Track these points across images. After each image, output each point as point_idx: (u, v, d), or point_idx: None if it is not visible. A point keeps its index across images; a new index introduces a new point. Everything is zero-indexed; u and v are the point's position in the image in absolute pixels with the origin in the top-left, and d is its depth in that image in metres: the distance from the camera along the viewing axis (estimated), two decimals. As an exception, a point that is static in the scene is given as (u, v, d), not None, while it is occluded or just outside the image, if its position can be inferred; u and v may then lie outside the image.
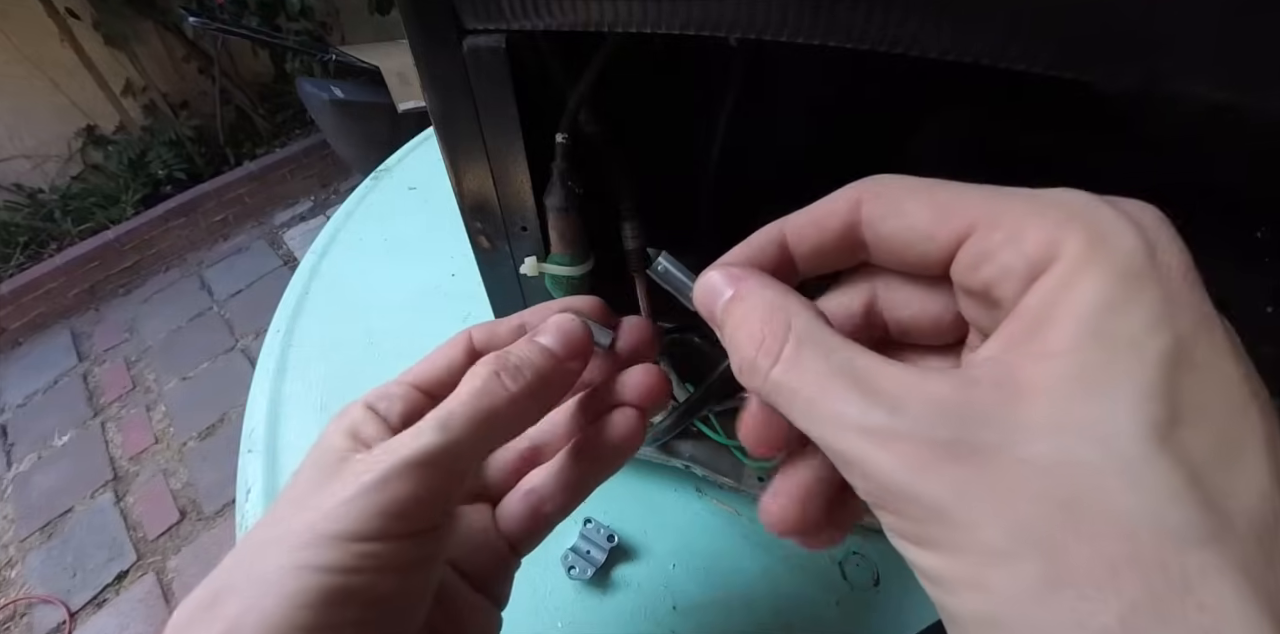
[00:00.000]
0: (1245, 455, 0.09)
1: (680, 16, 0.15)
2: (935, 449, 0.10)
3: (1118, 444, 0.09)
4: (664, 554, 0.28)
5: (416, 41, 0.19)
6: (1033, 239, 0.11)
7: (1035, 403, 0.10)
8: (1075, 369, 0.10)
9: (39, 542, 1.17)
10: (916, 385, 0.11)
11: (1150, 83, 0.13)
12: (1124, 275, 0.10)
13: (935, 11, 0.13)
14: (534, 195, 0.21)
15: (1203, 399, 0.09)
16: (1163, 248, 0.10)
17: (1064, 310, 0.10)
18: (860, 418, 0.11)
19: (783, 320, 0.12)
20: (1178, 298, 0.10)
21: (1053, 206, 0.11)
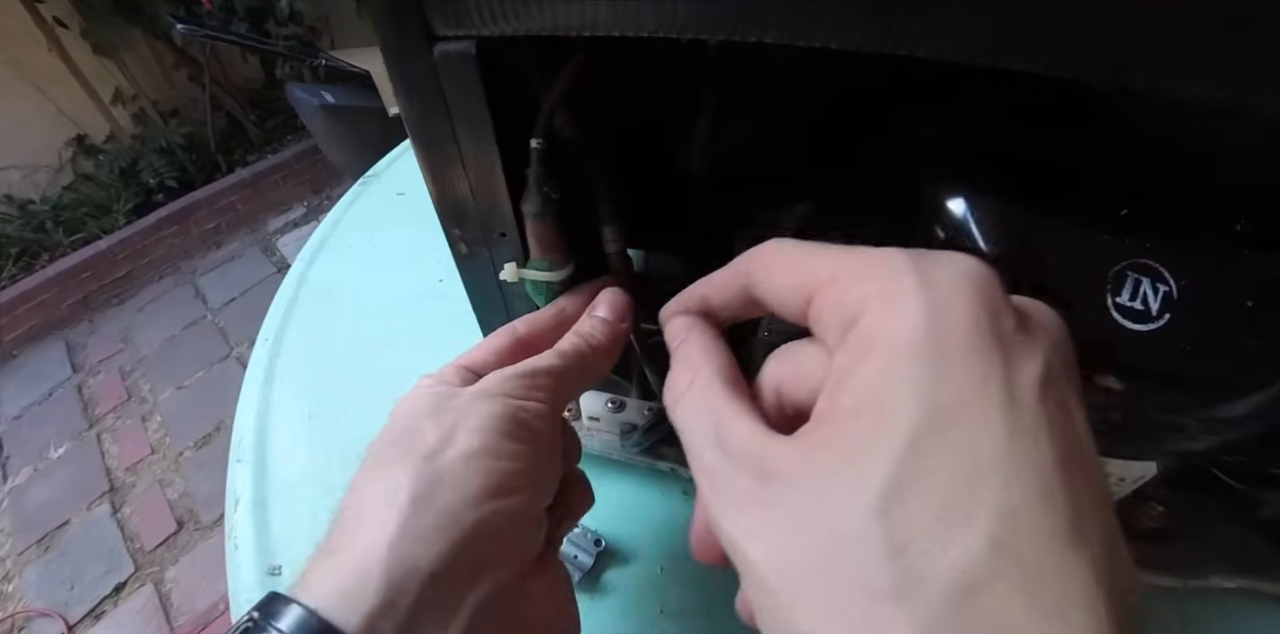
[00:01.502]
0: (972, 523, 0.10)
1: (648, 20, 0.15)
2: (737, 494, 0.12)
3: (853, 509, 0.10)
4: (651, 558, 0.28)
5: (388, 48, 0.19)
6: (850, 301, 0.12)
7: (810, 467, 0.12)
8: (839, 438, 0.11)
9: (36, 555, 1.17)
10: (747, 439, 0.13)
11: (1150, 83, 0.13)
12: (899, 348, 0.11)
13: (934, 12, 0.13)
14: (511, 201, 0.21)
15: (939, 467, 0.10)
16: (949, 312, 0.11)
17: (850, 378, 0.12)
18: (704, 456, 0.14)
19: (694, 369, 0.16)
20: (948, 369, 0.11)
21: (872, 269, 0.13)
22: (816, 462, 0.11)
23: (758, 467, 0.12)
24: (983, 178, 0.21)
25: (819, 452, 0.12)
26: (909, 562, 0.10)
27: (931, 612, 0.09)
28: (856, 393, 0.11)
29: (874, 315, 0.12)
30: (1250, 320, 0.19)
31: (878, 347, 0.11)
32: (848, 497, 0.11)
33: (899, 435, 0.10)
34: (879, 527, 0.10)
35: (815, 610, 0.10)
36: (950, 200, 0.21)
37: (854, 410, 0.11)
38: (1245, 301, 0.20)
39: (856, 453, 0.11)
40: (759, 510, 0.12)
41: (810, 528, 0.11)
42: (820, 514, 0.11)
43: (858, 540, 0.10)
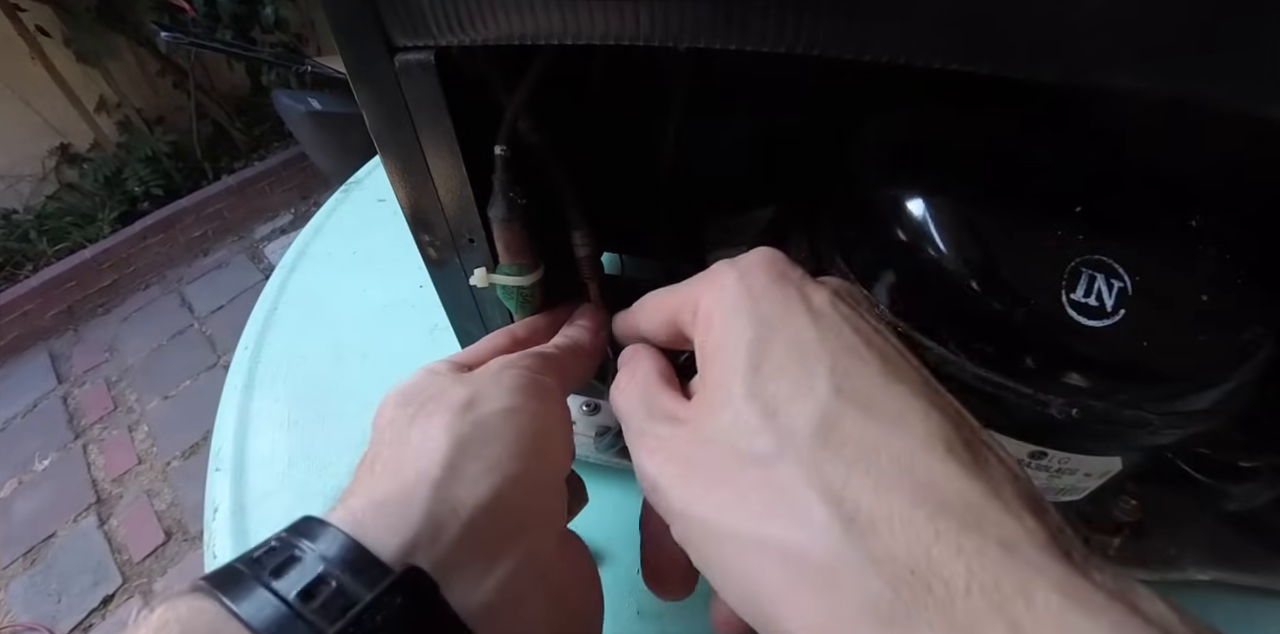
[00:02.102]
0: (814, 382, 0.13)
1: (599, 28, 0.16)
2: (657, 440, 0.16)
3: (731, 406, 0.14)
4: (627, 559, 0.28)
5: (349, 59, 0.19)
6: (695, 303, 0.17)
7: (700, 405, 0.15)
8: (710, 378, 0.15)
9: (22, 568, 1.15)
10: (669, 405, 0.16)
11: (1071, 75, 0.13)
12: (726, 307, 0.15)
13: (845, 12, 0.13)
14: (478, 207, 0.22)
15: (778, 357, 0.14)
16: (750, 271, 0.16)
17: (705, 344, 0.16)
18: (635, 423, 0.17)
19: (633, 370, 0.19)
20: (760, 305, 0.15)
21: (704, 276, 0.17)
22: (703, 399, 0.15)
23: (672, 418, 0.16)
24: (940, 178, 0.21)
25: (703, 393, 0.15)
26: (780, 422, 0.13)
27: (805, 449, 0.12)
28: (711, 347, 0.15)
29: (708, 299, 0.16)
30: (1205, 315, 0.20)
31: (714, 314, 0.16)
32: (724, 401, 0.14)
33: (743, 351, 0.14)
34: (751, 407, 0.13)
35: (720, 498, 0.13)
36: (908, 201, 0.21)
37: (713, 356, 0.15)
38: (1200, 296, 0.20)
39: (723, 376, 0.15)
40: (673, 447, 0.15)
41: (706, 438, 0.14)
42: (711, 425, 0.14)
43: (740, 427, 0.13)
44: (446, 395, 0.18)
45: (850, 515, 0.11)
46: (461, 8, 0.16)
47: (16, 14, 1.52)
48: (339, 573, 0.12)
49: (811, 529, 0.11)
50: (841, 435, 0.12)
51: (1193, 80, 0.12)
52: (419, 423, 0.17)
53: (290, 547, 0.13)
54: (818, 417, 0.13)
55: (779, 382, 0.14)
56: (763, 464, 0.13)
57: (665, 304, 0.18)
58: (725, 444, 0.14)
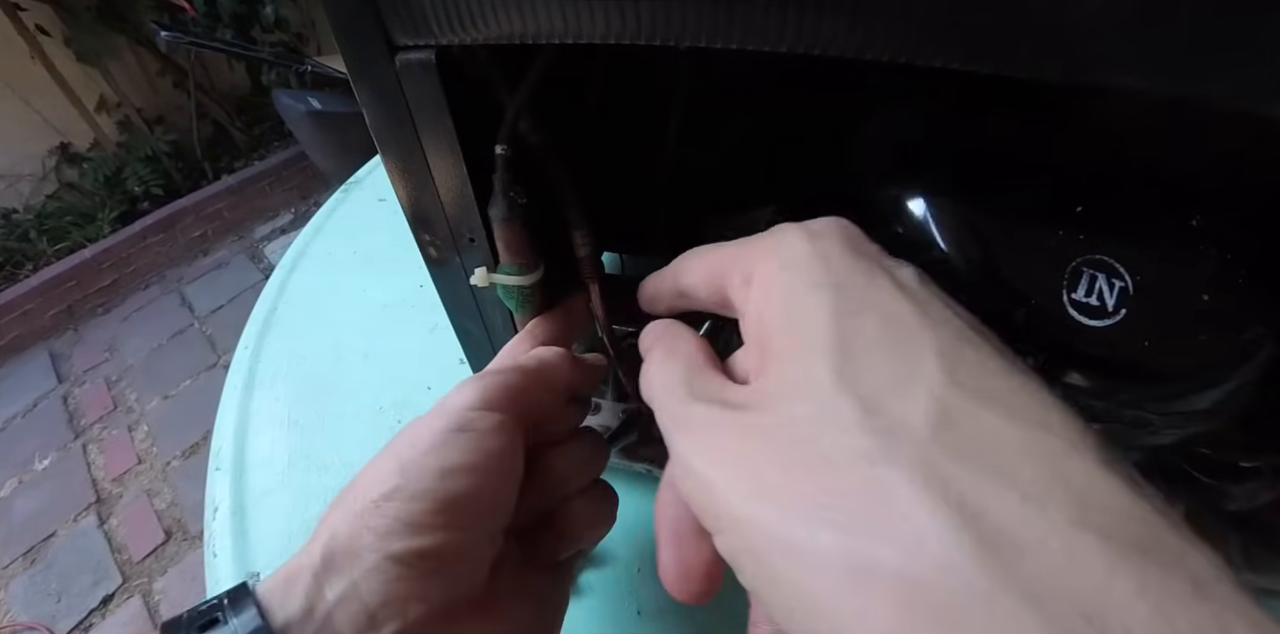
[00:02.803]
0: (921, 368, 0.11)
1: (600, 28, 0.16)
2: (702, 421, 0.13)
3: (815, 394, 0.11)
4: (628, 559, 0.28)
5: (350, 59, 0.19)
6: (749, 262, 0.14)
7: (764, 391, 0.12)
8: (777, 359, 0.13)
9: (21, 568, 1.15)
10: (715, 385, 0.14)
11: (1071, 75, 0.13)
12: (791, 265, 0.13)
13: (846, 11, 0.13)
14: (478, 206, 0.22)
15: (875, 335, 0.12)
16: (823, 236, 0.14)
17: (766, 320, 0.13)
18: (672, 405, 0.14)
19: (670, 349, 0.16)
20: (834, 262, 0.13)
21: (764, 236, 0.15)
22: (769, 383, 0.13)
23: (725, 404, 0.13)
24: (941, 177, 0.21)
25: (769, 377, 0.13)
26: (884, 418, 0.10)
27: (921, 449, 0.10)
28: (774, 320, 0.13)
29: (769, 262, 0.14)
30: (1206, 315, 0.20)
31: (777, 281, 0.13)
32: (803, 387, 0.11)
33: (824, 327, 0.12)
34: (845, 399, 0.11)
35: (796, 503, 0.10)
36: (910, 200, 0.21)
37: (779, 331, 0.13)
38: (1201, 296, 0.20)
39: (799, 357, 0.12)
40: (729, 438, 0.12)
41: (777, 430, 0.11)
42: (784, 414, 0.12)
43: (827, 420, 0.11)
44: (366, 479, 0.17)
45: (988, 535, 0.09)
46: (463, 7, 0.16)
47: (16, 13, 1.52)
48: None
49: (931, 548, 0.09)
50: (966, 433, 0.10)
51: (1193, 80, 0.12)
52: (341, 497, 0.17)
53: (218, 611, 0.15)
54: (934, 410, 0.10)
55: (876, 366, 0.11)
56: (860, 466, 0.10)
57: (713, 259, 0.16)
58: (805, 439, 0.11)
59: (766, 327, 0.13)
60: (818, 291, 0.12)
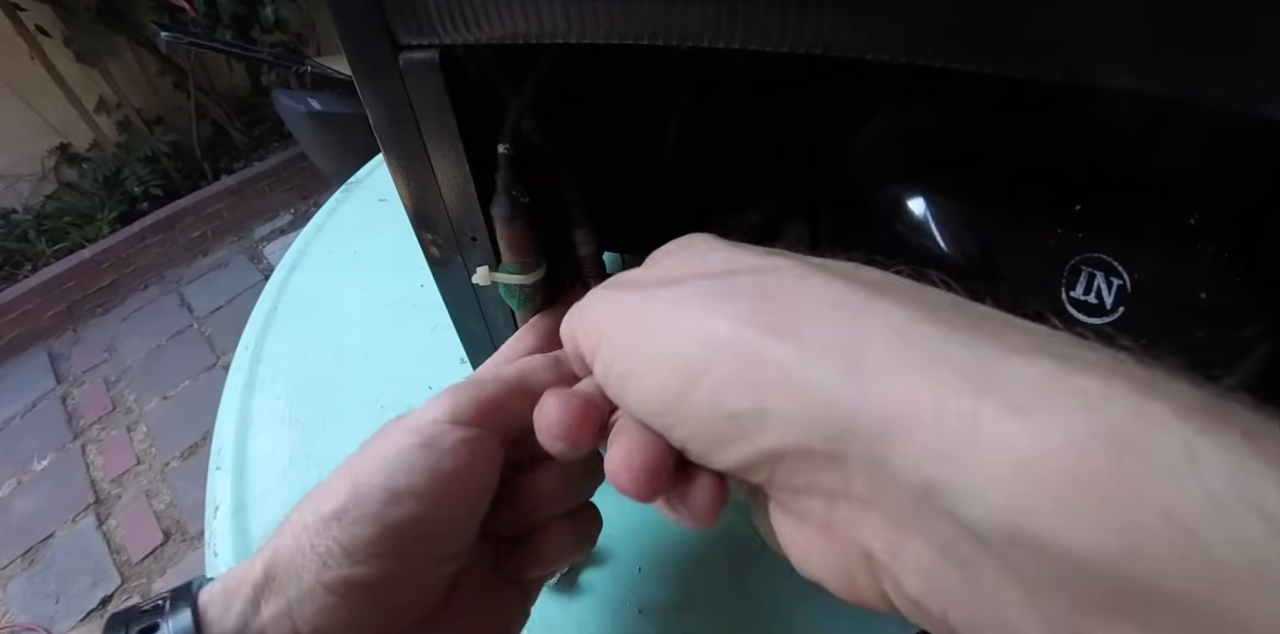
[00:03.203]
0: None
1: (604, 27, 0.16)
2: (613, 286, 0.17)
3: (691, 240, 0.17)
4: (629, 557, 0.28)
5: (353, 58, 0.19)
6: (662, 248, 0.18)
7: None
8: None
9: (20, 568, 1.15)
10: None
11: (1071, 75, 0.13)
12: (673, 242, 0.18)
13: (848, 11, 0.14)
14: (481, 205, 0.22)
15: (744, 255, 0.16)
16: (696, 234, 0.17)
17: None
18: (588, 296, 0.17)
19: None
20: (698, 235, 0.17)
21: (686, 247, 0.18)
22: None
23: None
24: (941, 177, 0.21)
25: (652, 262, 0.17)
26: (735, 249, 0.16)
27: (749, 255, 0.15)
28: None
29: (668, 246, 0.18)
30: (1204, 312, 0.20)
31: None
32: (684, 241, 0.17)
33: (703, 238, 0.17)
34: (709, 238, 0.17)
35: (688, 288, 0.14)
36: (909, 199, 0.21)
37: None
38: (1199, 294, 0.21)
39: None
40: (627, 281, 0.17)
41: (671, 261, 0.17)
42: (668, 250, 0.17)
43: (702, 247, 0.16)
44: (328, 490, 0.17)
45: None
46: (466, 7, 0.17)
47: (16, 13, 1.52)
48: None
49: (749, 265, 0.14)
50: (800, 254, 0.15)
51: (1190, 80, 0.12)
52: (303, 503, 0.17)
53: (157, 614, 0.15)
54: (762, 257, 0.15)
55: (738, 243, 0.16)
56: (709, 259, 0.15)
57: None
58: (693, 256, 0.15)
59: (661, 250, 0.17)
60: (703, 234, 0.17)
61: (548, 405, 0.16)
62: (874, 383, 0.10)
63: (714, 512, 0.14)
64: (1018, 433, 0.09)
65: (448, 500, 0.16)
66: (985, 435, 0.09)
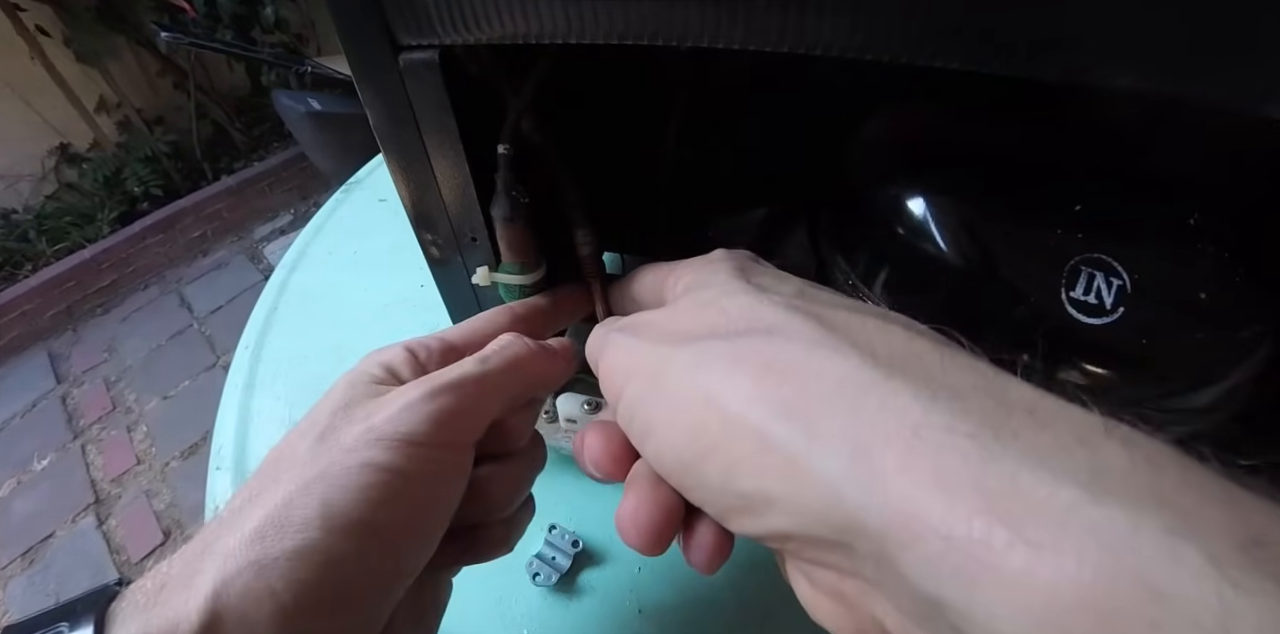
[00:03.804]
0: (791, 281, 0.16)
1: (603, 27, 0.16)
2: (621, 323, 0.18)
3: (717, 281, 0.16)
4: (629, 558, 0.28)
5: (353, 59, 0.19)
6: (686, 277, 0.18)
7: (680, 294, 0.18)
8: (691, 285, 0.17)
9: (20, 568, 1.15)
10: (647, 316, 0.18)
11: (1071, 75, 0.13)
12: (710, 258, 0.18)
13: (847, 11, 0.14)
14: (480, 205, 0.22)
15: (763, 270, 0.17)
16: (736, 256, 0.18)
17: (690, 282, 0.18)
18: (604, 330, 0.18)
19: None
20: (744, 266, 0.17)
21: (695, 259, 0.19)
22: (680, 295, 0.17)
23: (644, 319, 0.17)
24: (941, 177, 0.21)
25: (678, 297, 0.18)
26: (764, 290, 0.15)
27: (787, 299, 0.14)
28: (691, 278, 0.18)
29: (695, 270, 0.18)
30: (1203, 312, 0.20)
31: (697, 266, 0.18)
32: (710, 282, 0.16)
33: (726, 267, 0.17)
34: (739, 282, 0.16)
35: (698, 336, 0.14)
36: (910, 200, 0.21)
37: (693, 281, 0.18)
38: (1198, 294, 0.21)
39: (704, 277, 0.17)
40: (647, 324, 0.16)
41: (681, 310, 0.16)
42: (693, 299, 0.16)
43: (726, 290, 0.16)
44: (332, 436, 0.15)
45: (828, 324, 0.13)
46: (466, 7, 0.17)
47: (16, 14, 1.52)
48: None
49: (794, 333, 0.13)
50: (818, 297, 0.15)
51: (1190, 80, 0.12)
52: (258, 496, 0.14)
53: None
54: (796, 288, 0.15)
55: (762, 276, 0.16)
56: (746, 308, 0.14)
57: (657, 273, 0.20)
58: (707, 304, 0.15)
59: (684, 283, 0.18)
60: (727, 260, 0.17)
61: (591, 439, 0.16)
62: (881, 486, 0.10)
63: (712, 567, 0.15)
64: (1035, 569, 0.08)
65: (402, 545, 0.15)
66: (998, 567, 0.08)
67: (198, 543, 0.14)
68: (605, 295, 0.25)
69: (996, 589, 0.08)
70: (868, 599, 0.11)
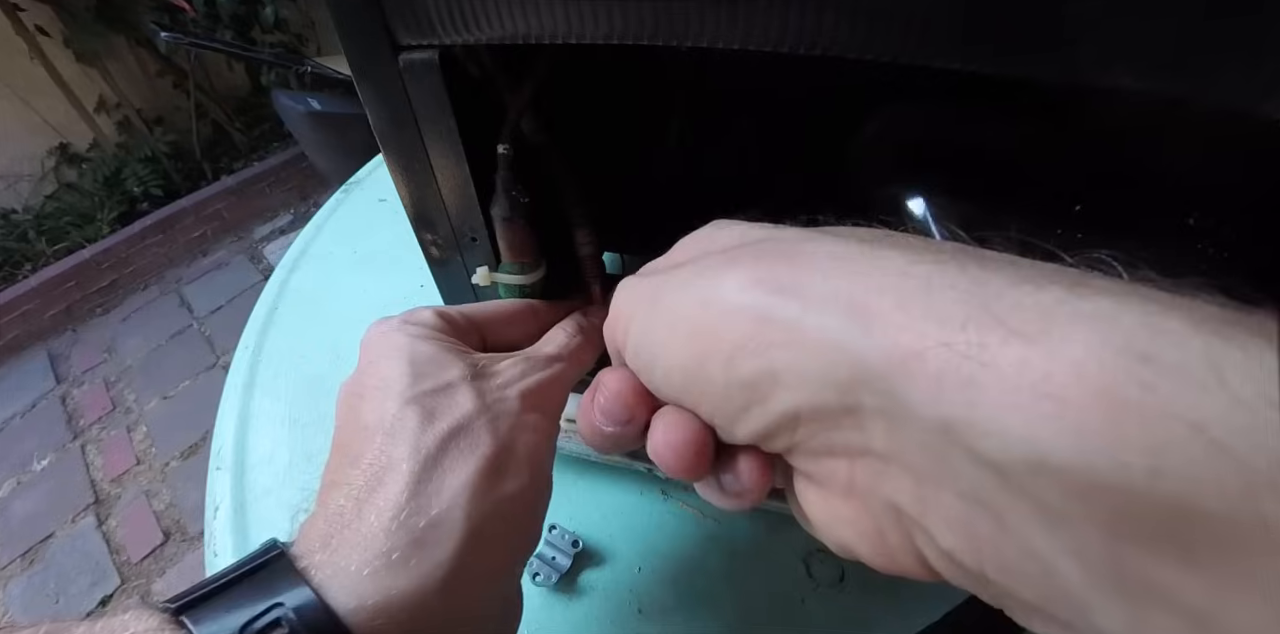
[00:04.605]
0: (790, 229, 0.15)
1: (603, 27, 0.16)
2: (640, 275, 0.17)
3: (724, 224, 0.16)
4: (629, 558, 0.28)
5: (354, 58, 0.19)
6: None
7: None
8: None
9: (20, 569, 1.15)
10: None
11: (1071, 75, 0.13)
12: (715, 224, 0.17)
13: (848, 11, 0.14)
14: (480, 205, 0.22)
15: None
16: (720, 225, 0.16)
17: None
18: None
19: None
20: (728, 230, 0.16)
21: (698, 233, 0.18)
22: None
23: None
24: (940, 178, 0.21)
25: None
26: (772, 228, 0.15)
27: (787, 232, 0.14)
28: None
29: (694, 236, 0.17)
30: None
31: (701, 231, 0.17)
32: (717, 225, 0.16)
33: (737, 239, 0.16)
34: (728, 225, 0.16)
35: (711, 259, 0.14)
36: (909, 200, 0.21)
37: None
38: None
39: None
40: (654, 268, 0.16)
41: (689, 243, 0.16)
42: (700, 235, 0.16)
43: (720, 229, 0.16)
44: (469, 422, 0.16)
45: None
46: (466, 7, 0.17)
47: (16, 13, 1.52)
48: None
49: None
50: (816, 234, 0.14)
51: (1189, 81, 0.12)
52: (443, 459, 0.16)
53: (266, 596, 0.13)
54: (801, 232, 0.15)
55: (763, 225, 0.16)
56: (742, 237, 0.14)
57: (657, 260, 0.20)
58: (702, 240, 0.16)
59: (684, 237, 0.17)
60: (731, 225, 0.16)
61: (604, 385, 0.16)
62: (879, 325, 0.10)
63: (762, 486, 0.14)
64: (1029, 357, 0.09)
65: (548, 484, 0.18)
66: (996, 364, 0.09)
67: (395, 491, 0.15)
68: (604, 296, 0.25)
69: (997, 389, 0.09)
70: (881, 480, 0.11)
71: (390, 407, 0.17)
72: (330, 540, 0.14)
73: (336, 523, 0.15)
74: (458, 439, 0.16)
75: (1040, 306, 0.09)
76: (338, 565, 0.14)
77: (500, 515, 0.16)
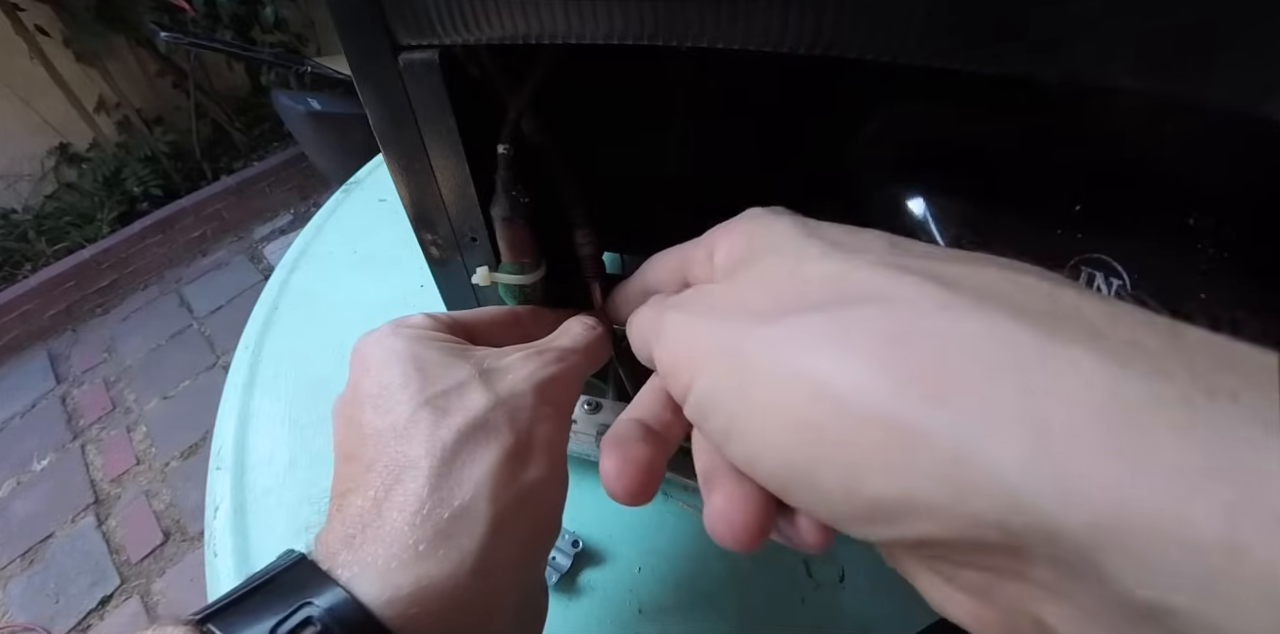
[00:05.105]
0: (866, 234, 0.13)
1: (603, 27, 0.16)
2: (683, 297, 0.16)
3: (787, 243, 0.14)
4: (630, 558, 0.28)
5: (353, 58, 0.19)
6: (723, 244, 0.16)
7: (740, 266, 0.15)
8: (747, 254, 0.15)
9: (19, 569, 1.15)
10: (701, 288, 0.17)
11: (1071, 75, 0.13)
12: (752, 216, 0.16)
13: (848, 11, 0.14)
14: (480, 205, 0.22)
15: (828, 226, 0.14)
16: (762, 215, 0.16)
17: (733, 246, 0.16)
18: (658, 306, 0.17)
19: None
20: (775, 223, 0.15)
21: (719, 227, 0.17)
22: (738, 268, 0.15)
23: (694, 294, 0.16)
24: (941, 177, 0.21)
25: (738, 268, 0.15)
26: (847, 248, 0.13)
27: (881, 257, 0.12)
28: (742, 242, 0.15)
29: (731, 235, 0.16)
30: (1204, 313, 0.20)
31: (740, 235, 0.16)
32: (779, 246, 0.14)
33: (787, 225, 0.14)
34: (813, 241, 0.13)
35: (783, 313, 0.12)
36: (909, 200, 0.21)
37: (746, 246, 0.15)
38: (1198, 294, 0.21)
39: (766, 242, 0.14)
40: (711, 300, 0.14)
41: (748, 283, 0.14)
42: (758, 266, 0.14)
43: (800, 256, 0.13)
44: (485, 416, 0.16)
45: (949, 284, 0.10)
46: (466, 7, 0.17)
47: (16, 13, 1.52)
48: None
49: (916, 301, 0.10)
50: (911, 249, 0.12)
51: (1189, 81, 0.12)
52: (461, 452, 0.15)
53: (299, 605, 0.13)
54: (886, 242, 0.13)
55: (833, 230, 0.14)
56: (833, 272, 0.12)
57: (676, 253, 0.18)
58: (780, 273, 0.13)
59: (735, 252, 0.15)
60: (777, 217, 0.15)
61: (607, 465, 0.15)
62: (1078, 476, 0.08)
63: (823, 548, 0.13)
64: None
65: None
66: (1254, 560, 0.07)
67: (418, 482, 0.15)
68: (604, 296, 0.25)
69: (1255, 596, 0.07)
70: (1032, 602, 0.09)
71: (402, 410, 0.16)
72: (353, 540, 0.14)
73: (356, 524, 0.14)
74: (475, 432, 0.16)
75: None
76: (364, 562, 0.14)
77: (522, 505, 0.15)
